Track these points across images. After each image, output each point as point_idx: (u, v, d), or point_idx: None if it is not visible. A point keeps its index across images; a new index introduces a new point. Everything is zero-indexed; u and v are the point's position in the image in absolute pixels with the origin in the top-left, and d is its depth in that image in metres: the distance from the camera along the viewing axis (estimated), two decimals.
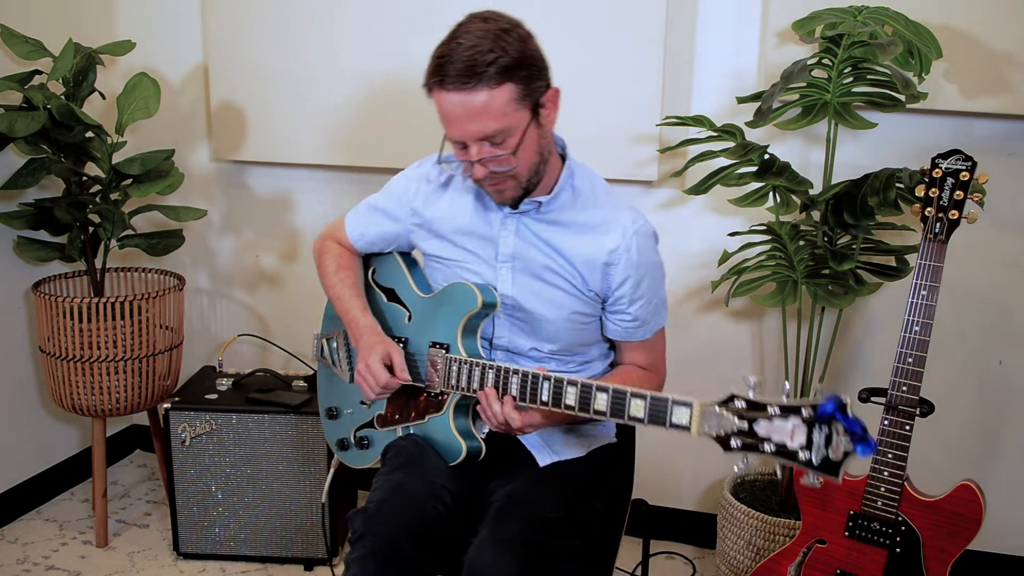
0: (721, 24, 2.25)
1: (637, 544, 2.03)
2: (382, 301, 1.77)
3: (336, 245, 1.82)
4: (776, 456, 1.20)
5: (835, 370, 2.32)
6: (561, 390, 1.42)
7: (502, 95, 1.42)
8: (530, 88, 1.45)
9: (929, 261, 1.65)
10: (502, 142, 1.45)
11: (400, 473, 1.56)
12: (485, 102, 1.41)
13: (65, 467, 2.75)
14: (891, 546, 1.70)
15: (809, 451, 1.17)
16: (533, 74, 1.45)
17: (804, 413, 1.18)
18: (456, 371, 1.56)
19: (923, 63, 1.94)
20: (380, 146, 2.49)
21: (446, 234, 1.66)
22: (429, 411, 1.63)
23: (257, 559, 2.39)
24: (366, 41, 2.43)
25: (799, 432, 1.18)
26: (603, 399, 1.38)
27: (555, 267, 1.58)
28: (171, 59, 2.68)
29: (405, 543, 1.44)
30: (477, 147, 1.46)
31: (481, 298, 1.57)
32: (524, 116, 1.46)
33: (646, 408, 1.34)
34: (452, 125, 1.46)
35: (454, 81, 1.41)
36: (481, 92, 1.40)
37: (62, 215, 2.31)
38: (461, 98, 1.41)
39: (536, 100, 1.47)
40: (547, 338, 1.63)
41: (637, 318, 1.61)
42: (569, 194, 1.59)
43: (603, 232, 1.57)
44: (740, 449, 1.23)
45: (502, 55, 1.40)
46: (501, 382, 1.49)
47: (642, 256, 1.57)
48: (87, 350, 2.31)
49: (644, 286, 1.58)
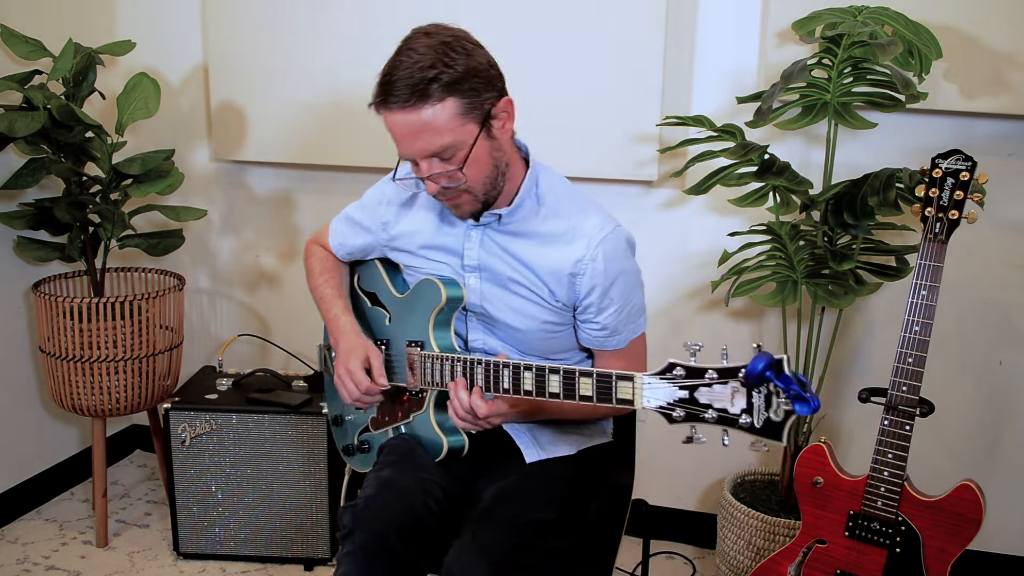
0: (721, 24, 2.25)
1: (637, 544, 2.03)
2: (366, 306, 1.79)
3: (321, 249, 1.84)
4: (719, 424, 1.15)
5: (835, 370, 2.32)
6: (519, 376, 1.41)
7: (445, 111, 1.39)
8: (477, 101, 1.42)
9: (929, 261, 1.65)
10: (450, 157, 1.43)
11: (390, 470, 1.56)
12: (428, 119, 1.39)
13: (65, 467, 2.75)
14: (891, 546, 1.70)
15: (750, 415, 1.12)
16: (479, 86, 1.42)
17: (741, 376, 1.13)
18: (430, 367, 1.56)
19: (923, 63, 1.94)
20: (380, 146, 2.48)
21: (413, 249, 1.66)
22: (413, 409, 1.64)
23: (257, 559, 2.39)
24: (367, 41, 2.43)
25: (739, 396, 1.13)
26: (555, 380, 1.37)
27: (520, 279, 1.56)
28: (171, 59, 2.68)
29: (394, 539, 1.44)
30: (427, 164, 1.44)
31: (445, 293, 1.56)
32: (471, 130, 1.42)
33: (593, 385, 1.32)
34: (399, 143, 1.45)
35: (396, 100, 1.39)
36: (424, 109, 1.38)
37: (62, 215, 2.31)
38: (405, 117, 1.40)
39: (486, 112, 1.43)
40: (519, 346, 1.62)
41: (606, 327, 1.57)
42: (532, 203, 1.55)
43: (567, 242, 1.53)
44: (684, 420, 1.19)
45: (444, 71, 1.38)
46: (468, 373, 1.48)
47: (610, 265, 1.52)
48: (87, 350, 2.31)
49: (613, 294, 1.54)
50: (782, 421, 1.10)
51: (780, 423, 1.11)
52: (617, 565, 1.71)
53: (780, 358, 1.09)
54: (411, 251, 1.67)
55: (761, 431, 1.12)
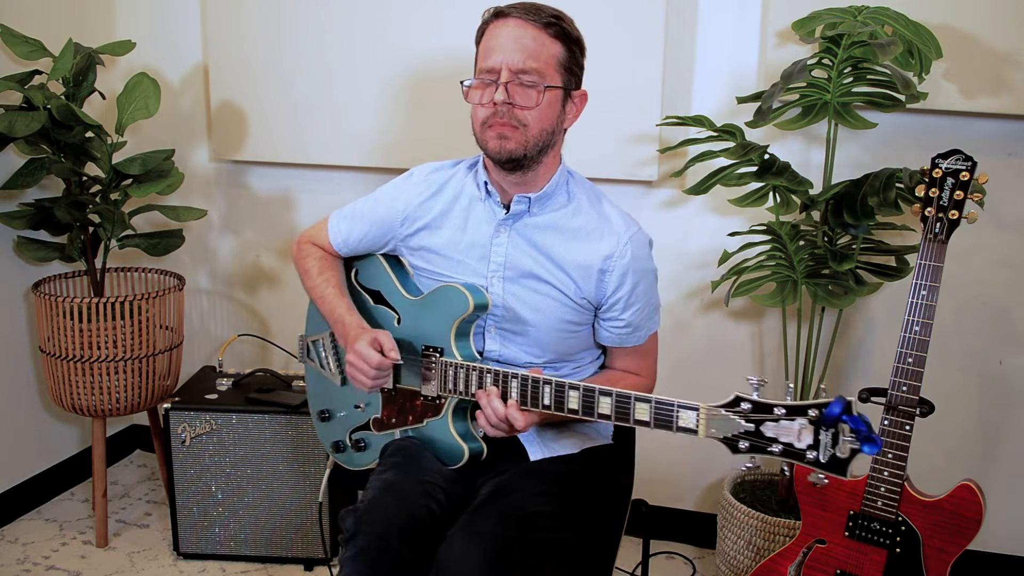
0: (721, 24, 2.25)
1: (637, 544, 2.03)
2: (369, 303, 1.76)
3: (317, 249, 1.81)
4: (784, 456, 1.22)
5: (835, 370, 2.32)
6: (564, 394, 1.41)
7: (553, 47, 1.50)
8: (571, 66, 1.53)
9: (929, 261, 1.65)
10: (533, 87, 1.49)
11: (393, 472, 1.56)
12: (539, 43, 1.48)
13: (65, 467, 2.76)
14: (891, 546, 1.70)
15: (816, 451, 1.20)
16: (577, 59, 1.55)
17: (811, 414, 1.20)
18: (452, 375, 1.55)
19: (923, 63, 1.94)
20: (381, 146, 2.49)
21: (437, 247, 1.65)
22: (427, 415, 1.62)
23: (257, 559, 2.39)
24: (367, 41, 2.44)
25: (806, 432, 1.21)
26: (607, 403, 1.38)
27: (546, 276, 1.57)
28: (171, 59, 2.68)
29: (396, 541, 1.43)
30: (509, 75, 1.48)
31: (472, 301, 1.55)
32: (559, 81, 1.52)
33: (651, 412, 1.34)
34: (495, 52, 1.49)
35: (519, 12, 1.49)
36: (539, 32, 1.48)
37: (62, 215, 2.31)
38: (519, 28, 1.48)
39: (571, 83, 1.54)
40: (538, 347, 1.62)
41: (630, 324, 1.61)
42: (564, 198, 1.59)
43: (597, 238, 1.57)
44: (748, 451, 1.25)
45: (562, 19, 1.51)
46: (501, 385, 1.48)
47: (636, 262, 1.57)
48: (87, 350, 2.31)
49: (639, 292, 1.58)
50: (848, 458, 1.19)
51: (846, 460, 1.19)
52: (617, 565, 1.72)
53: (851, 400, 1.18)
54: (431, 248, 1.65)
55: (827, 466, 1.20)
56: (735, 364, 2.41)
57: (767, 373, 2.40)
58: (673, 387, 1.77)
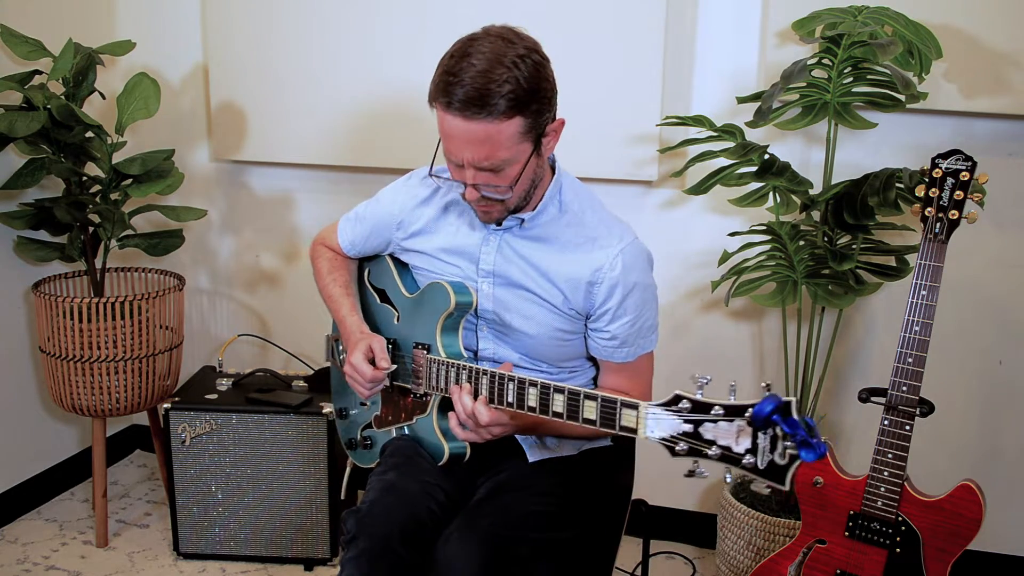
0: (721, 24, 2.25)
1: (637, 544, 2.03)
2: (375, 302, 1.78)
3: (328, 250, 1.83)
4: (722, 461, 1.13)
5: (835, 370, 2.32)
6: (523, 391, 1.39)
7: (509, 128, 1.36)
8: (538, 121, 1.40)
9: (929, 261, 1.65)
10: (501, 171, 1.41)
11: (394, 473, 1.56)
12: (491, 133, 1.35)
13: (65, 467, 2.75)
14: (891, 546, 1.70)
15: (754, 456, 1.10)
16: (543, 107, 1.40)
17: (748, 415, 1.10)
18: (436, 372, 1.56)
19: (923, 63, 1.94)
20: (381, 146, 2.49)
21: (428, 251, 1.65)
22: (416, 412, 1.64)
23: (257, 559, 2.39)
24: (367, 41, 2.44)
25: (744, 436, 1.10)
26: (560, 400, 1.34)
27: (534, 287, 1.56)
28: (171, 59, 2.68)
29: (397, 543, 1.44)
30: (473, 172, 1.41)
31: (455, 298, 1.55)
32: (527, 148, 1.41)
33: (598, 409, 1.30)
34: (451, 144, 1.40)
35: (461, 106, 1.34)
36: (490, 122, 1.34)
37: (62, 215, 2.30)
38: (466, 124, 1.35)
39: (540, 133, 1.42)
40: (530, 353, 1.61)
41: (616, 337, 1.56)
42: (555, 209, 1.55)
43: (588, 251, 1.53)
44: (686, 454, 1.16)
45: (515, 86, 1.34)
46: (473, 382, 1.47)
47: (627, 275, 1.52)
48: (87, 350, 2.31)
49: (628, 306, 1.53)
50: (786, 465, 1.08)
51: (784, 467, 1.08)
52: (617, 565, 1.72)
53: (788, 401, 1.07)
54: (425, 252, 1.65)
55: (764, 473, 1.09)
56: (735, 364, 2.41)
57: (767, 373, 2.40)
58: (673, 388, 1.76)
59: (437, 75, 1.39)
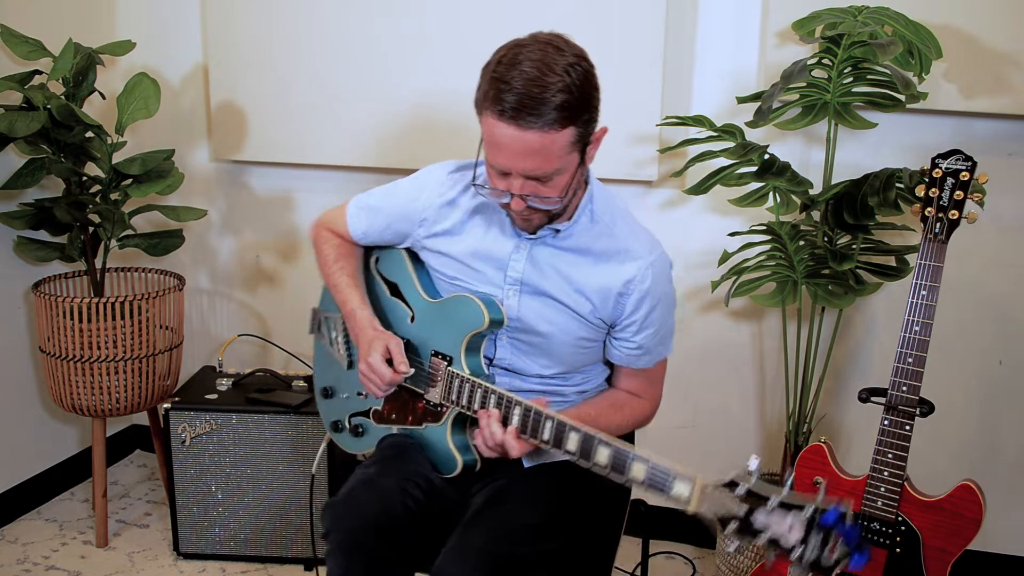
0: (721, 24, 2.25)
1: (637, 544, 2.03)
2: (384, 294, 1.73)
3: (334, 236, 1.76)
4: (769, 547, 1.20)
5: (835, 370, 2.32)
6: (564, 434, 1.38)
7: (563, 139, 1.33)
8: (587, 130, 1.38)
9: (929, 261, 1.65)
10: (549, 181, 1.38)
11: (377, 467, 1.56)
12: (545, 144, 1.32)
13: (65, 467, 2.75)
14: (891, 546, 1.69)
15: (804, 549, 1.16)
16: (593, 116, 1.38)
17: (805, 513, 1.16)
18: (457, 387, 1.53)
19: (923, 63, 1.94)
20: (381, 146, 2.49)
21: (454, 254, 1.60)
22: (427, 419, 1.62)
23: (257, 559, 2.39)
24: (367, 41, 2.43)
25: (796, 529, 1.17)
26: (605, 453, 1.34)
27: (563, 296, 1.54)
28: (171, 59, 2.68)
29: (369, 538, 1.44)
30: (521, 182, 1.38)
31: (488, 316, 1.52)
32: (575, 158, 1.39)
33: (647, 474, 1.31)
34: (500, 154, 1.36)
35: (514, 114, 1.30)
36: (543, 133, 1.31)
37: (62, 215, 2.30)
38: (520, 134, 1.31)
39: (587, 143, 1.41)
40: (549, 359, 1.60)
41: (641, 346, 1.57)
42: (587, 219, 1.53)
43: (619, 262, 1.52)
44: (735, 533, 1.22)
45: (568, 95, 1.31)
46: (503, 410, 1.45)
47: (656, 287, 1.52)
48: (87, 350, 2.31)
49: (653, 317, 1.54)
50: (832, 566, 1.14)
51: (829, 567, 1.15)
52: (617, 565, 1.72)
53: (846, 510, 1.14)
54: (450, 255, 1.61)
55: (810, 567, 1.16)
56: (735, 364, 2.41)
57: (767, 373, 2.40)
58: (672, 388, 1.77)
59: (485, 82, 1.36)
